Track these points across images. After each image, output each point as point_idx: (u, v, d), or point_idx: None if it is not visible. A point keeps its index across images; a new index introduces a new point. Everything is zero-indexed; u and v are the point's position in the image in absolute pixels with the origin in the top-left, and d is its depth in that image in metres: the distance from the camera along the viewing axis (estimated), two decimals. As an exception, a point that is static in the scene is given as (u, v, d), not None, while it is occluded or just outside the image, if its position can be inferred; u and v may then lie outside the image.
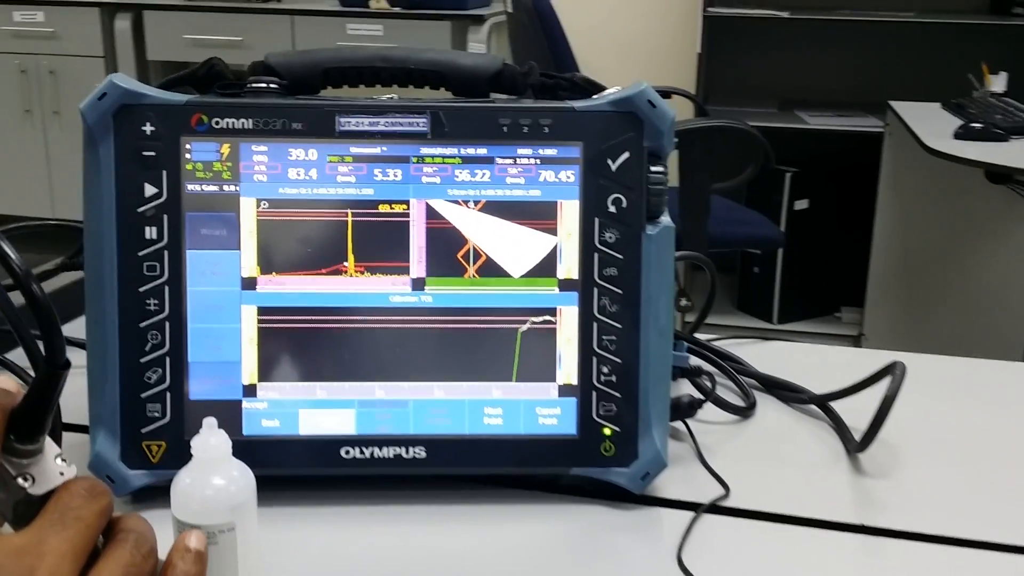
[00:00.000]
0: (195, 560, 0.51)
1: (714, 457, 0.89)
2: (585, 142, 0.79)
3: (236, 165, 0.78)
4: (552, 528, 0.79)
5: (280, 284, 0.79)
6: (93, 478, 0.51)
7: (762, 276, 3.41)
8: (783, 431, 0.96)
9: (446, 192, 0.79)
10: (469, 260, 0.80)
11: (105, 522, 0.48)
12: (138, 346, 0.78)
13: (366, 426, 0.80)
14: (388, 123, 0.79)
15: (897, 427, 0.91)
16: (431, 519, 0.79)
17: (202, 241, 0.78)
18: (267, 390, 0.80)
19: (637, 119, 0.79)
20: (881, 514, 0.82)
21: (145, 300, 0.78)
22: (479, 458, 0.81)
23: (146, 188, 0.77)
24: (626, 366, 0.80)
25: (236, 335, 0.79)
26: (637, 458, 0.81)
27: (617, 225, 0.80)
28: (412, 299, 0.80)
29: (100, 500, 0.48)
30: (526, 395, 0.81)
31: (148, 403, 0.78)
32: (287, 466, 0.80)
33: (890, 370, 0.88)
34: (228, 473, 0.66)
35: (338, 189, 0.79)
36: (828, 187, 3.33)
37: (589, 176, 0.80)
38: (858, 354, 1.23)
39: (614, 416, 0.81)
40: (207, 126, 0.78)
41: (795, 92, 3.58)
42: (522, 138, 0.79)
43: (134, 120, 0.77)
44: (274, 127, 0.78)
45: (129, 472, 0.78)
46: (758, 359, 1.08)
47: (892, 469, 0.89)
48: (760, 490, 0.85)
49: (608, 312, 0.80)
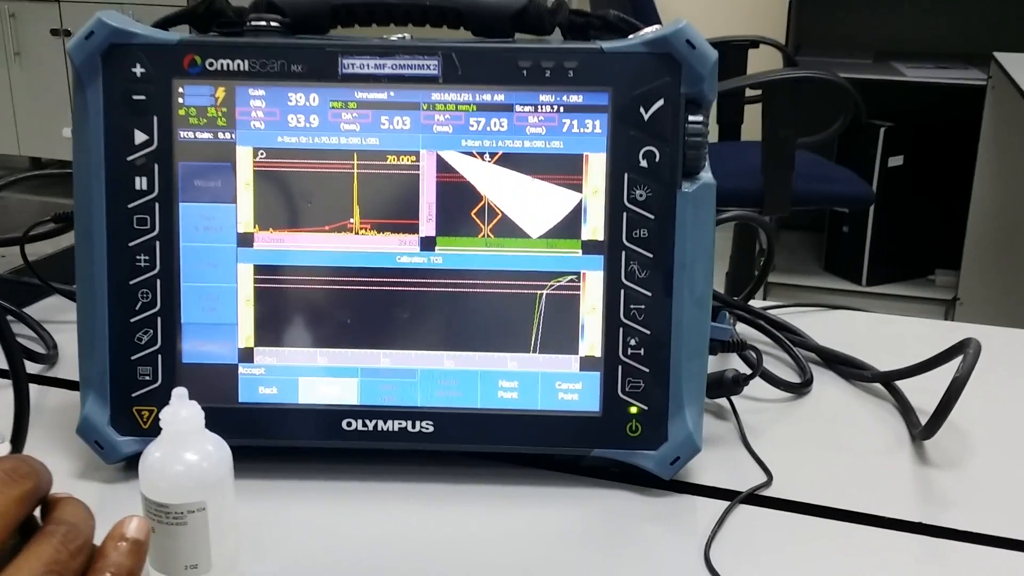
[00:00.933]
0: (131, 551, 0.46)
1: (759, 439, 0.81)
2: (615, 88, 0.71)
3: (232, 111, 0.72)
4: (568, 513, 0.72)
5: (278, 241, 0.73)
6: (19, 457, 0.45)
7: (851, 235, 3.26)
8: (840, 412, 0.87)
9: (459, 143, 0.72)
10: (484, 218, 0.72)
11: (27, 510, 0.43)
12: (128, 305, 0.73)
13: (370, 396, 0.74)
14: (396, 65, 0.71)
15: (972, 412, 0.81)
16: (437, 499, 0.73)
17: (195, 193, 0.72)
18: (265, 355, 0.74)
19: (674, 62, 0.70)
20: (945, 512, 0.73)
21: (135, 256, 0.72)
22: (491, 435, 0.74)
23: (136, 135, 0.72)
24: (656, 338, 0.72)
25: (232, 295, 0.73)
26: (666, 440, 0.73)
27: (649, 181, 0.71)
28: (421, 260, 0.73)
29: (21, 485, 0.43)
30: (544, 367, 0.74)
31: (139, 366, 0.73)
32: (285, 437, 0.74)
33: (962, 348, 0.78)
34: (201, 448, 0.61)
35: (341, 138, 0.72)
36: (924, 143, 3.15)
37: (618, 126, 0.71)
38: (937, 327, 1.12)
39: (641, 393, 0.73)
40: (200, 68, 0.71)
41: (892, 42, 3.39)
42: (544, 83, 0.71)
43: (123, 61, 0.71)
44: (272, 69, 0.71)
45: (118, 438, 0.74)
46: (821, 330, 0.99)
47: (962, 460, 0.79)
48: (807, 479, 0.76)
49: (637, 278, 0.72)
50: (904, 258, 3.26)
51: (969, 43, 3.23)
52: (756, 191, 2.42)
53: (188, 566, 0.60)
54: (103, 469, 0.75)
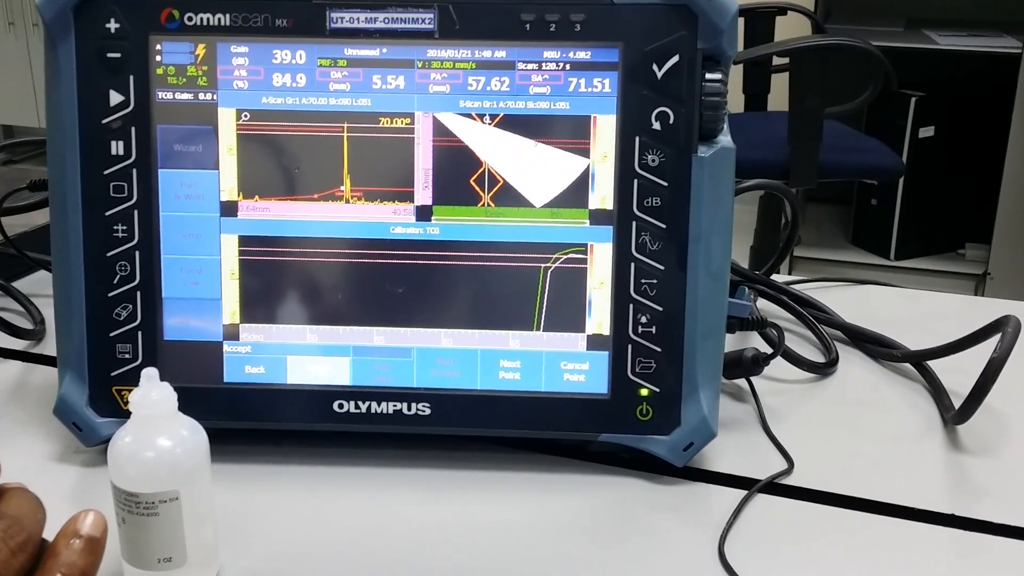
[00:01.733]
0: (85, 550, 0.42)
1: (780, 424, 0.76)
2: (625, 43, 0.65)
3: (213, 69, 0.67)
4: (574, 502, 0.68)
5: (264, 210, 0.68)
6: None
7: (880, 208, 3.18)
8: (867, 394, 0.82)
9: (457, 103, 0.67)
10: (484, 185, 0.67)
11: None
12: (105, 278, 0.68)
13: (362, 377, 0.69)
14: (388, 19, 0.66)
15: (1010, 395, 0.76)
16: (434, 486, 0.68)
17: (175, 158, 0.68)
18: (251, 332, 0.69)
19: (690, 14, 0.65)
20: (979, 503, 0.68)
21: (112, 226, 0.68)
22: (492, 418, 0.69)
23: (111, 96, 0.67)
24: (669, 315, 0.67)
25: (215, 268, 0.69)
26: (679, 425, 0.68)
27: (662, 146, 0.66)
28: (416, 231, 0.68)
29: None
30: (549, 346, 0.69)
31: (117, 343, 0.69)
32: (273, 419, 0.70)
33: (1000, 326, 0.73)
34: (175, 433, 0.56)
35: (330, 99, 0.67)
36: (956, 113, 3.06)
37: (629, 85, 0.66)
38: (972, 303, 1.06)
39: (653, 374, 0.68)
40: (179, 23, 0.66)
41: (924, 9, 3.30)
42: (549, 38, 0.66)
43: (97, 16, 0.66)
44: (255, 24, 0.66)
45: (97, 419, 0.69)
46: (848, 306, 0.94)
47: (998, 447, 0.74)
48: (831, 466, 0.71)
49: (649, 250, 0.67)
50: (934, 232, 3.18)
51: (1003, 10, 3.13)
52: (782, 162, 2.36)
53: (161, 559, 0.56)
54: (83, 451, 0.71)
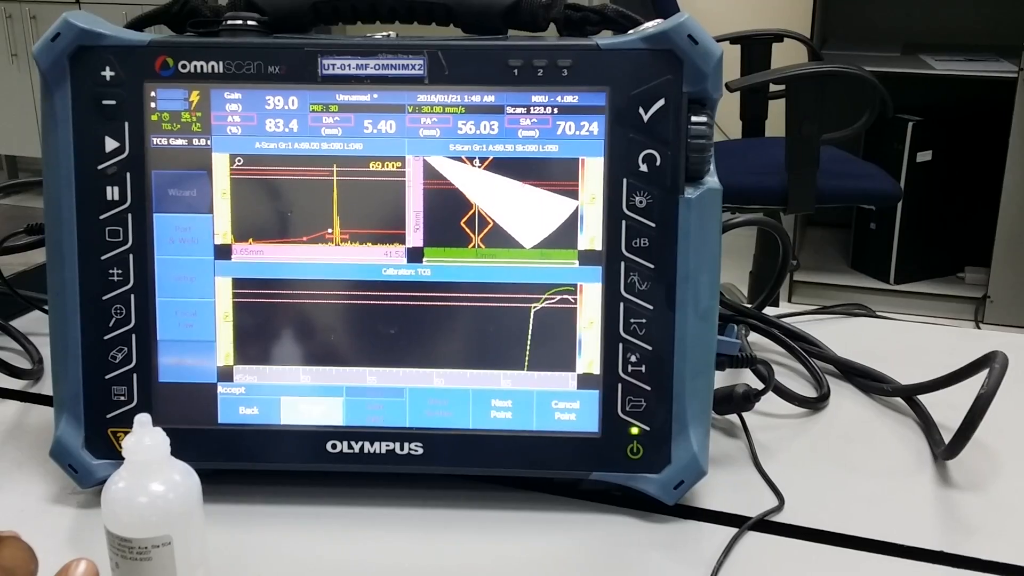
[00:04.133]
0: (76, 598, 0.42)
1: (772, 459, 0.76)
2: (612, 87, 0.66)
3: (207, 115, 0.68)
4: (566, 540, 0.68)
5: (258, 253, 0.69)
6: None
7: (879, 232, 3.19)
8: (859, 429, 0.82)
9: (447, 147, 0.68)
10: (474, 227, 0.68)
11: None
12: (101, 321, 0.69)
13: (355, 417, 0.70)
14: (379, 66, 0.67)
15: (1000, 429, 0.77)
16: (427, 525, 0.69)
17: (170, 203, 0.69)
18: (245, 373, 0.70)
19: (675, 59, 0.66)
20: (969, 539, 0.68)
21: (108, 270, 0.69)
22: (484, 457, 0.70)
23: (107, 142, 0.68)
24: (658, 354, 0.68)
25: (209, 310, 0.69)
26: (670, 463, 0.69)
27: (650, 187, 0.67)
28: (408, 272, 0.69)
29: None
30: (540, 386, 0.69)
31: (113, 385, 0.70)
32: (266, 460, 0.70)
33: (988, 361, 0.73)
34: (168, 478, 0.57)
35: (322, 143, 0.68)
36: (954, 137, 3.07)
37: (616, 128, 0.67)
38: (964, 335, 1.07)
39: (643, 413, 0.69)
40: (173, 70, 0.67)
41: (920, 34, 3.32)
42: (537, 83, 0.67)
43: (92, 64, 0.67)
44: (249, 71, 0.67)
45: (93, 462, 0.70)
46: (840, 338, 0.94)
47: (988, 482, 0.74)
48: (822, 502, 0.71)
49: (637, 290, 0.68)
50: (933, 256, 3.19)
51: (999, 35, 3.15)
52: (780, 188, 2.37)
53: (154, 603, 0.57)
54: (79, 493, 0.71)
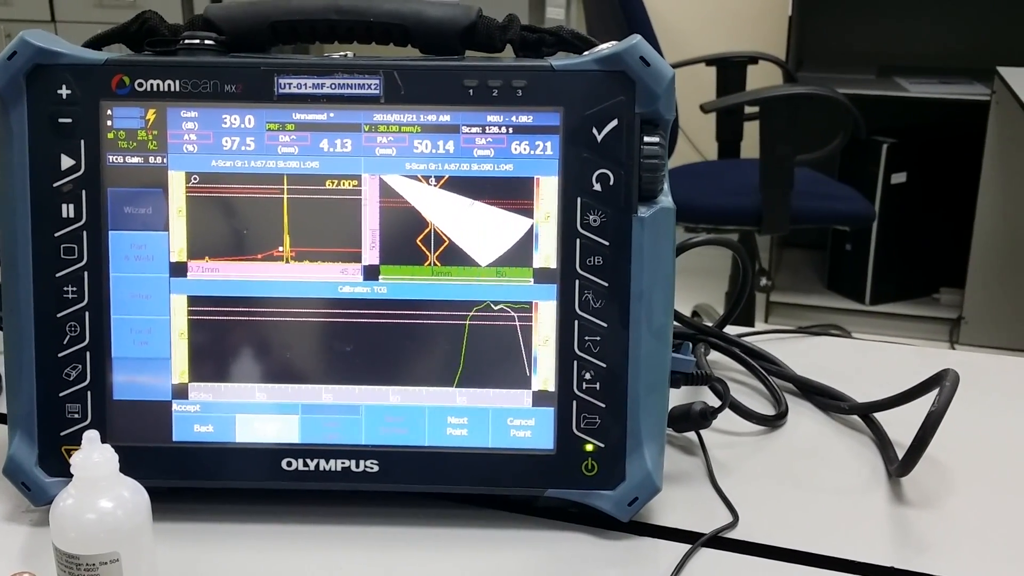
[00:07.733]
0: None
1: (728, 476, 0.77)
2: (566, 107, 0.67)
3: (163, 134, 0.68)
4: (522, 557, 0.68)
5: (213, 271, 0.69)
6: None
7: (854, 253, 3.20)
8: (815, 446, 0.83)
9: (403, 166, 0.68)
10: (430, 246, 0.69)
11: None
12: (55, 339, 0.69)
13: (311, 434, 0.70)
14: (335, 85, 0.68)
15: (954, 446, 0.77)
16: (383, 543, 0.69)
17: (125, 221, 0.69)
18: (200, 391, 0.70)
19: (628, 80, 0.67)
20: (921, 555, 0.68)
21: (62, 287, 0.69)
22: (440, 474, 0.70)
23: (62, 160, 0.68)
24: (612, 371, 0.68)
25: (164, 328, 0.70)
26: (624, 480, 0.69)
27: (603, 206, 0.68)
28: (364, 290, 0.69)
29: None
30: (495, 403, 0.70)
31: (67, 403, 0.70)
32: (221, 477, 0.70)
33: (939, 380, 0.74)
34: (116, 494, 0.57)
35: (279, 162, 0.68)
36: (928, 159, 3.10)
37: (570, 148, 0.67)
38: (927, 355, 1.07)
39: (597, 430, 0.69)
40: (129, 88, 0.68)
41: (895, 57, 3.35)
42: (492, 103, 0.67)
43: (48, 82, 0.68)
44: (205, 90, 0.68)
45: (46, 480, 0.70)
46: (802, 358, 0.95)
47: (939, 499, 0.75)
48: (776, 519, 0.72)
49: (592, 308, 0.68)
50: (908, 277, 3.20)
51: (972, 58, 3.18)
52: (755, 209, 2.39)
53: (102, 621, 0.56)
54: (33, 511, 0.71)
